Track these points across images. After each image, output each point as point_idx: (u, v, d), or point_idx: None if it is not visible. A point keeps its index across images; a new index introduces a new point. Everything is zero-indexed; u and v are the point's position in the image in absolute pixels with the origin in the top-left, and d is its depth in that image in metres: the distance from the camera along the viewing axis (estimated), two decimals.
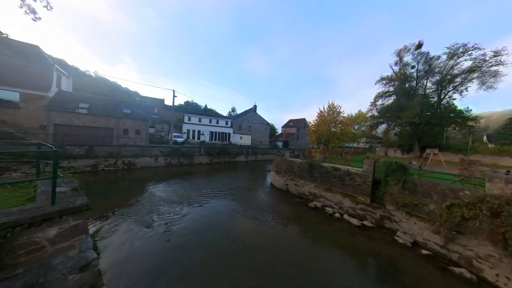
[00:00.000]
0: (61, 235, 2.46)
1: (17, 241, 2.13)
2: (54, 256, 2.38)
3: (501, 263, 4.49)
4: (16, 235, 2.12)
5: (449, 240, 5.57)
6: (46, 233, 2.34)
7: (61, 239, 2.46)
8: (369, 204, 8.09)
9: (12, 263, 2.09)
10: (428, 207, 6.28)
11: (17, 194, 2.96)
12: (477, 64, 25.41)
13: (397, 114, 29.71)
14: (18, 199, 2.75)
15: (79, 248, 2.62)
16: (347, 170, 9.20)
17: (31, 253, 2.22)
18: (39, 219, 2.27)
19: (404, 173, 7.19)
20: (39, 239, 2.29)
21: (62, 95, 17.85)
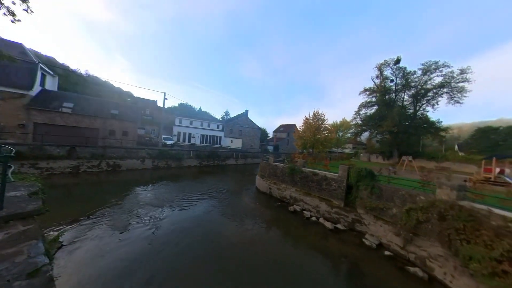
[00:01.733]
0: (6, 240, 2.38)
1: None
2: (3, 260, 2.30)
3: (447, 262, 4.85)
4: None
5: (407, 242, 5.92)
6: None
7: (6, 244, 2.38)
8: (343, 208, 8.39)
9: None
10: (391, 211, 6.65)
11: None
12: (447, 80, 27.62)
13: (378, 123, 31.21)
14: None
15: (28, 253, 2.53)
16: (324, 175, 9.52)
17: None
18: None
19: (372, 179, 7.59)
20: None
21: (46, 94, 17.02)
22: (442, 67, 28.26)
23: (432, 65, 29.32)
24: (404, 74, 31.20)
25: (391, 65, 31.83)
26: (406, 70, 31.08)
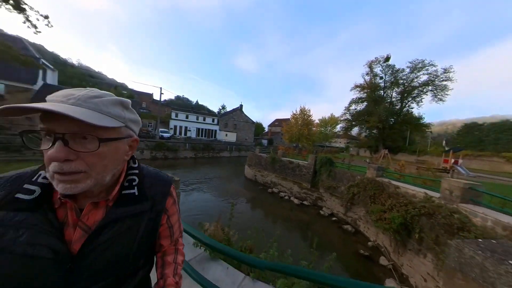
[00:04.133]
0: None
1: None
2: None
3: (365, 219, 7.01)
4: None
5: (347, 209, 8.08)
6: None
7: None
8: (309, 189, 10.53)
9: None
10: (340, 189, 8.77)
11: None
12: (431, 78, 29.53)
13: (366, 119, 33.24)
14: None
15: None
16: (298, 163, 11.59)
17: None
18: None
19: (331, 165, 9.66)
20: None
21: (48, 88, 18.38)
22: (428, 66, 30.06)
23: (419, 63, 31.02)
24: (393, 71, 32.90)
25: (381, 63, 33.45)
26: (395, 68, 32.77)
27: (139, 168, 0.58)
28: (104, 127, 0.40)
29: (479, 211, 3.79)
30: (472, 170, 18.57)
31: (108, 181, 0.47)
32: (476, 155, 24.96)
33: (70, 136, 0.39)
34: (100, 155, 0.42)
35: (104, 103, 0.43)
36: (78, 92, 0.42)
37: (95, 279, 0.46)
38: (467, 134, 47.19)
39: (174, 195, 0.65)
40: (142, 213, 0.53)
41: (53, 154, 0.38)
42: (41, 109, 0.35)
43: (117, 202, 0.50)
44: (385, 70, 33.59)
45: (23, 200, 0.43)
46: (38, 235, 0.41)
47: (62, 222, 0.45)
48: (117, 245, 0.48)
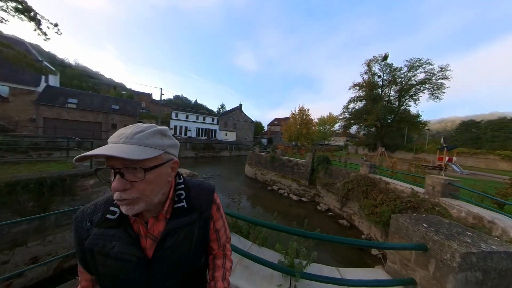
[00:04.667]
0: (96, 184, 4.75)
1: (77, 184, 4.42)
2: (93, 194, 4.69)
3: (359, 214, 7.49)
4: (77, 181, 4.40)
5: (343, 205, 8.56)
6: (88, 182, 4.64)
7: (95, 186, 4.75)
8: (307, 186, 11.01)
9: (77, 193, 4.39)
10: (336, 185, 9.24)
11: (64, 166, 5.15)
12: (428, 76, 29.87)
13: (364, 117, 33.61)
14: (67, 167, 4.96)
15: (104, 192, 4.93)
16: (296, 161, 12.04)
17: (82, 190, 4.52)
18: (87, 174, 4.56)
19: (327, 163, 10.12)
20: (85, 184, 4.58)
21: (51, 90, 18.71)
22: (425, 64, 30.36)
23: (416, 62, 31.27)
24: (390, 70, 33.17)
25: (379, 62, 33.74)
26: (392, 67, 33.04)
27: (184, 182, 0.66)
28: (143, 160, 0.47)
29: (456, 204, 4.26)
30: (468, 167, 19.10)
31: (159, 200, 0.56)
32: (472, 153, 25.42)
33: (124, 169, 0.48)
34: (147, 182, 0.50)
35: (145, 136, 0.51)
36: (127, 130, 0.52)
37: (166, 278, 0.57)
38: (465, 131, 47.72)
39: (217, 202, 0.71)
40: (193, 222, 0.61)
41: (115, 186, 0.47)
42: (102, 155, 0.44)
43: (172, 215, 0.59)
44: (383, 68, 33.87)
45: (111, 219, 0.56)
46: (124, 245, 0.54)
47: (138, 234, 0.57)
48: (178, 251, 0.57)
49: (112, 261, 0.54)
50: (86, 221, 0.58)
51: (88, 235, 0.56)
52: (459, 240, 1.13)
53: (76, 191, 4.40)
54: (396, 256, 1.48)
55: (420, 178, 7.15)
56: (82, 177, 4.50)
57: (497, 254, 1.06)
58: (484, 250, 1.06)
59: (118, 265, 0.54)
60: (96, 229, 0.56)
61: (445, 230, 1.24)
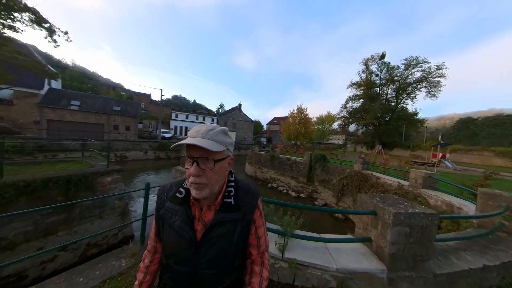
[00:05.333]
0: (112, 181, 5.31)
1: (97, 180, 4.97)
2: (110, 190, 5.24)
3: (354, 207, 8.08)
4: (96, 178, 4.95)
5: (338, 200, 9.15)
6: (106, 179, 5.19)
7: (112, 183, 5.30)
8: (305, 183, 11.59)
9: (97, 189, 4.94)
10: (332, 182, 9.83)
11: (82, 166, 5.69)
12: (425, 75, 30.42)
13: (362, 115, 34.16)
14: (85, 166, 5.50)
15: (119, 188, 5.48)
16: (295, 160, 12.62)
17: (101, 186, 5.07)
18: (105, 172, 5.11)
19: (324, 160, 10.71)
20: (104, 181, 5.13)
21: (54, 92, 19.15)
22: (422, 63, 30.88)
23: (413, 60, 31.76)
24: (388, 68, 33.68)
25: (377, 60, 34.26)
26: (390, 65, 33.56)
27: (235, 181, 0.72)
28: (216, 152, 0.58)
29: (433, 195, 4.85)
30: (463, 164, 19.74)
31: (216, 191, 0.64)
32: (467, 150, 26.06)
33: (200, 159, 0.58)
34: (215, 172, 0.60)
35: (215, 133, 0.61)
36: (201, 128, 0.62)
37: (209, 265, 0.64)
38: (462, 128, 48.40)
39: (261, 208, 0.73)
40: (237, 220, 0.66)
41: (192, 171, 0.57)
42: (189, 144, 0.57)
43: (221, 208, 0.66)
44: (381, 67, 34.37)
45: (178, 197, 0.68)
46: (183, 222, 0.65)
47: (193, 216, 0.66)
48: (221, 242, 0.64)
49: (174, 233, 0.65)
50: (164, 195, 0.72)
51: (164, 206, 0.70)
52: (395, 206, 1.68)
53: (97, 187, 4.95)
54: (360, 223, 2.04)
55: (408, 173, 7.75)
56: (101, 175, 5.05)
57: (418, 214, 1.62)
58: (409, 211, 1.62)
59: (177, 238, 0.65)
60: (168, 202, 0.69)
61: (389, 202, 1.80)
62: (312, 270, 1.64)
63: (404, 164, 12.18)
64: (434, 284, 1.70)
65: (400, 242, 1.62)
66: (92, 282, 1.69)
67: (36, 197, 3.92)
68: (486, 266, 1.88)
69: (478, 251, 2.10)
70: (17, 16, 6.82)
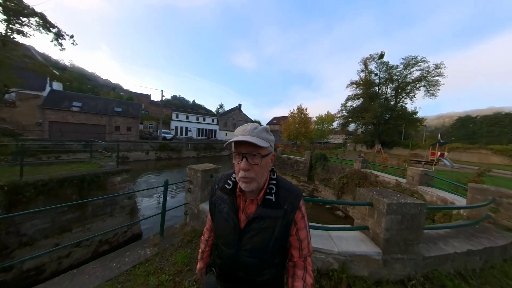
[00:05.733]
0: (122, 181, 5.54)
1: (108, 180, 5.20)
2: (120, 189, 5.48)
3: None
4: (106, 178, 5.18)
5: (339, 198, 9.41)
6: (116, 179, 5.42)
7: (121, 182, 5.54)
8: (306, 182, 11.85)
9: (108, 188, 5.18)
10: (333, 180, 10.09)
11: (92, 166, 5.92)
12: (424, 74, 30.70)
13: (362, 115, 34.43)
14: (94, 167, 5.73)
15: (128, 188, 5.72)
16: (295, 159, 12.88)
17: (112, 186, 5.31)
18: (115, 172, 5.35)
19: (324, 160, 10.97)
20: (114, 181, 5.37)
21: (55, 94, 19.33)
22: (421, 62, 31.16)
23: (412, 60, 32.03)
24: (387, 68, 33.95)
25: (376, 60, 34.53)
26: (389, 65, 33.84)
27: (277, 179, 0.76)
28: (262, 147, 0.64)
29: (429, 191, 5.11)
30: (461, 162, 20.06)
31: (261, 185, 0.69)
32: (465, 148, 26.38)
33: (248, 154, 0.64)
34: (261, 166, 0.66)
35: (260, 131, 0.67)
36: (246, 127, 0.68)
37: (249, 254, 0.70)
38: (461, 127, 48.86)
39: (303, 210, 0.74)
40: (277, 218, 0.69)
41: (243, 166, 0.64)
42: (239, 141, 0.63)
43: (262, 203, 0.70)
44: (380, 66, 34.66)
45: (227, 188, 0.76)
46: (229, 210, 0.74)
47: (238, 206, 0.74)
48: (261, 235, 0.69)
49: (222, 218, 0.74)
50: (216, 184, 0.83)
51: (215, 194, 0.81)
52: (388, 198, 1.92)
53: (107, 187, 5.19)
54: (359, 214, 2.29)
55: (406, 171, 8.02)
56: (112, 175, 5.29)
57: (408, 204, 1.86)
58: (400, 202, 1.86)
59: (225, 222, 0.74)
60: (219, 191, 0.79)
61: (384, 194, 2.04)
62: (317, 254, 1.89)
63: (402, 163, 12.48)
64: (423, 266, 1.95)
65: (393, 228, 1.86)
66: (125, 267, 1.93)
67: (53, 196, 4.15)
68: (470, 250, 2.13)
69: (464, 238, 2.36)
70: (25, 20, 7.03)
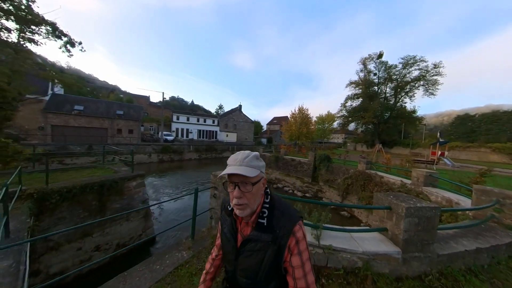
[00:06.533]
0: (136, 185, 5.73)
1: (123, 185, 5.39)
2: (135, 194, 5.67)
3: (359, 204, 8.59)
4: (123, 183, 5.37)
5: (343, 198, 9.65)
6: (132, 183, 5.61)
7: (136, 187, 5.72)
8: (310, 183, 12.09)
9: (124, 193, 5.36)
10: (337, 181, 10.33)
11: (106, 171, 6.09)
12: (423, 73, 31.08)
13: (362, 114, 34.75)
14: (109, 172, 5.91)
15: (142, 192, 5.91)
16: (299, 160, 13.11)
17: (128, 190, 5.49)
18: (131, 177, 5.53)
19: (328, 161, 11.21)
20: (130, 185, 5.55)
21: (57, 98, 19.38)
22: (419, 62, 31.53)
23: (411, 59, 32.39)
24: (386, 67, 34.32)
25: (374, 59, 34.91)
26: (387, 64, 34.21)
27: (271, 202, 0.78)
28: (252, 177, 0.68)
29: (434, 191, 5.36)
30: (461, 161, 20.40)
31: (254, 209, 0.74)
32: (465, 147, 26.75)
33: (240, 183, 0.69)
34: (253, 193, 0.70)
35: (250, 160, 0.72)
36: (238, 156, 0.74)
37: (243, 274, 0.75)
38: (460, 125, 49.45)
39: (297, 235, 0.71)
40: (268, 242, 0.70)
41: (235, 194, 0.69)
42: (231, 173, 0.68)
43: (256, 227, 0.74)
44: (379, 66, 35.04)
45: (228, 209, 0.84)
46: (229, 231, 0.81)
47: (237, 228, 0.80)
48: (253, 257, 0.72)
49: (225, 236, 0.83)
50: (223, 205, 0.90)
51: (221, 213, 0.90)
52: (406, 202, 2.14)
53: (124, 191, 5.37)
54: (377, 217, 2.51)
55: (410, 172, 8.27)
56: (128, 180, 5.47)
57: (424, 208, 2.08)
58: (417, 205, 2.08)
59: (226, 242, 0.82)
60: (223, 212, 0.88)
61: (401, 199, 2.26)
62: (343, 253, 2.10)
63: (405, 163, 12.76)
64: (437, 263, 2.17)
65: (411, 230, 2.08)
66: (168, 268, 2.14)
67: (76, 202, 4.33)
68: (478, 248, 2.36)
69: (472, 237, 2.59)
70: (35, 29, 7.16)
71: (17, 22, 6.53)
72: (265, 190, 0.79)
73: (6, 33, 6.47)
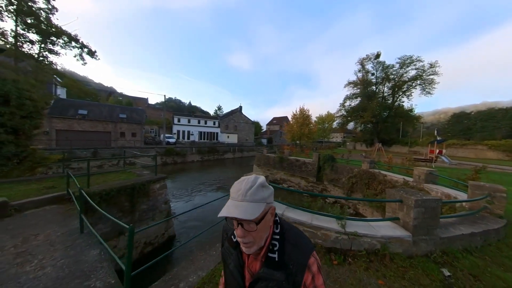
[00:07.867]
0: (160, 188, 6.18)
1: (149, 187, 5.84)
2: (159, 195, 6.12)
3: (364, 202, 9.16)
4: (149, 185, 5.82)
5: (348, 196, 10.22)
6: (156, 186, 6.06)
7: (160, 189, 6.18)
8: (315, 182, 12.64)
9: (150, 195, 5.81)
10: (341, 180, 10.90)
11: (128, 176, 6.53)
12: (419, 73, 32.04)
13: (360, 114, 35.57)
14: (132, 176, 6.35)
15: (165, 194, 6.36)
16: (303, 161, 13.65)
17: (153, 192, 5.94)
18: (154, 180, 5.99)
19: (333, 161, 11.78)
20: (154, 188, 6.00)
21: (60, 102, 19.61)
22: (416, 61, 32.49)
23: (408, 59, 33.34)
24: (383, 67, 35.25)
25: (372, 60, 35.81)
26: (385, 64, 35.14)
27: (281, 232, 0.70)
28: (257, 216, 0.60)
29: (434, 188, 5.94)
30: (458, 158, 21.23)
31: (262, 244, 0.67)
32: (461, 144, 27.65)
33: (243, 221, 0.62)
34: (258, 231, 0.63)
35: (255, 191, 0.63)
36: (241, 186, 0.65)
37: None
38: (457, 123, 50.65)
39: (313, 270, 0.65)
40: (281, 282, 0.62)
41: (238, 233, 0.63)
42: (230, 217, 0.61)
43: (265, 262, 0.66)
44: (376, 66, 35.97)
45: (233, 240, 0.75)
46: (235, 267, 0.73)
47: (244, 262, 0.73)
48: None
49: (229, 272, 0.75)
50: (225, 233, 0.84)
51: (223, 244, 0.81)
52: (414, 195, 2.67)
53: (150, 193, 5.82)
54: (390, 209, 3.04)
55: (411, 170, 8.88)
56: (153, 183, 5.92)
57: (429, 199, 2.61)
58: (424, 198, 2.61)
59: (231, 278, 0.74)
60: (226, 243, 0.79)
61: (410, 193, 2.79)
62: (365, 238, 2.61)
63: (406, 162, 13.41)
64: (440, 244, 2.71)
65: (419, 217, 2.61)
66: (211, 264, 2.62)
67: (112, 203, 4.77)
68: (473, 232, 2.91)
69: (468, 224, 3.14)
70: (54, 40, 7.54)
71: (39, 35, 6.92)
72: (273, 219, 0.72)
73: (30, 45, 6.86)
